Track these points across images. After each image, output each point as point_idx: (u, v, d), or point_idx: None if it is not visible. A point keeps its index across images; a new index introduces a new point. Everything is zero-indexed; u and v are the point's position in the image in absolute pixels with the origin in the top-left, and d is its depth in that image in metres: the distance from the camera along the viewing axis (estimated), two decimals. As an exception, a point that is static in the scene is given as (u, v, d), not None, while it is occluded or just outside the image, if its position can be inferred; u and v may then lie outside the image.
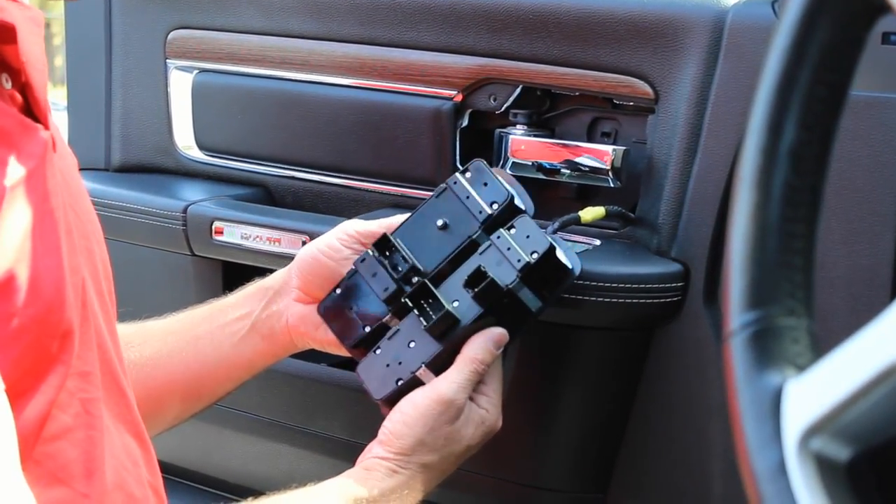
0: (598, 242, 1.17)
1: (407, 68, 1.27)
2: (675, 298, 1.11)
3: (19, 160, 0.75)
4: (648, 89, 1.14)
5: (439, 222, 1.07)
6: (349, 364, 1.30)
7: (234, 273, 1.34)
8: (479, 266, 1.02)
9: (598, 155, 1.19)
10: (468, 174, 1.08)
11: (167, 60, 1.45)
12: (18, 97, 0.80)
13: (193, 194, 1.39)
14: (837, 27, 0.55)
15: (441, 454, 1.00)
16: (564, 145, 1.21)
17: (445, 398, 1.00)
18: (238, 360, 1.12)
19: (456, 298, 1.03)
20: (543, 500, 1.24)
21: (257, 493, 0.94)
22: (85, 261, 0.83)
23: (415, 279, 1.05)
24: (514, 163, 1.23)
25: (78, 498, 0.78)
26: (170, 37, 1.44)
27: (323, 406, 1.32)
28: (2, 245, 0.72)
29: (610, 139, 1.22)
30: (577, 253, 1.09)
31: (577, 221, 1.14)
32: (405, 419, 1.00)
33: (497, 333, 1.03)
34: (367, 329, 1.08)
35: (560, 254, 1.04)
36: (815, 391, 0.50)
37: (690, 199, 1.11)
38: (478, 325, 1.02)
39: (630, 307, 1.10)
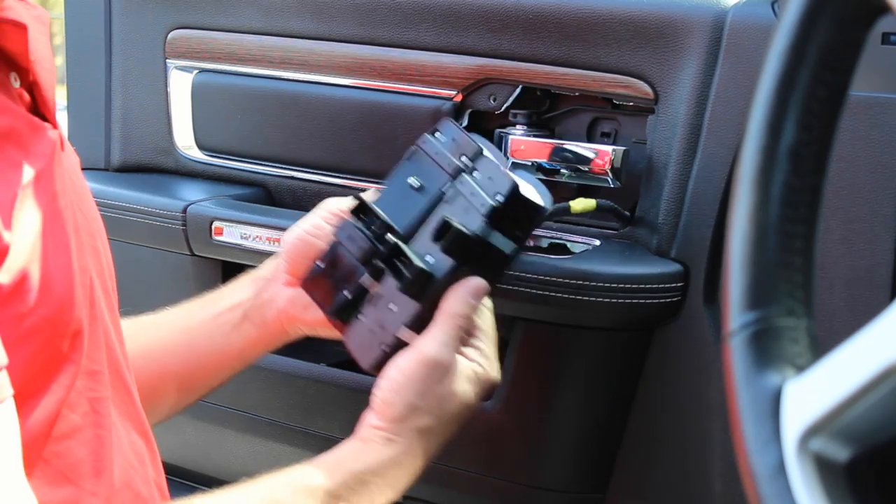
0: (597, 243, 1.18)
1: (406, 68, 1.27)
2: (675, 299, 1.11)
3: (29, 161, 0.76)
4: (648, 89, 1.14)
5: (414, 184, 1.05)
6: (348, 364, 1.30)
7: (234, 273, 1.34)
8: (444, 217, 0.98)
9: (598, 155, 1.18)
10: (437, 133, 1.06)
11: (167, 60, 1.45)
12: (26, 96, 0.80)
13: (193, 194, 1.39)
14: (837, 27, 0.55)
15: (437, 416, 0.97)
16: (564, 145, 1.20)
17: (430, 358, 0.96)
18: (230, 349, 1.11)
19: (428, 253, 1.00)
20: (543, 500, 1.24)
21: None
22: (92, 260, 0.83)
23: (389, 236, 1.03)
24: (513, 163, 1.23)
25: (86, 496, 0.79)
26: (170, 37, 1.44)
27: (322, 406, 1.32)
28: (15, 246, 0.72)
29: (610, 139, 1.22)
30: (576, 252, 1.09)
31: (567, 211, 1.14)
32: (392, 385, 0.97)
33: (474, 284, 0.99)
34: (347, 294, 1.05)
35: (527, 191, 1.00)
36: (815, 391, 0.50)
37: (690, 199, 1.11)
38: (454, 277, 0.99)
39: (630, 307, 1.10)
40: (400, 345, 1.00)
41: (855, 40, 0.55)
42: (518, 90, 1.22)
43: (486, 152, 1.04)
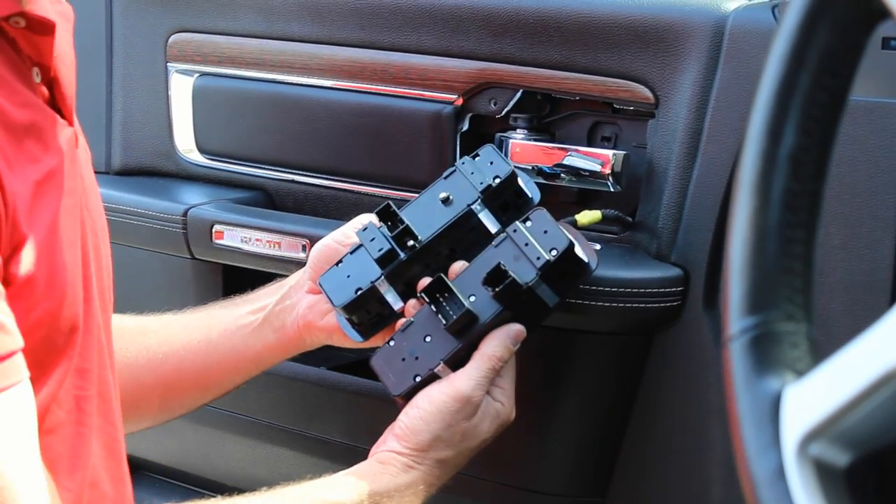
0: (597, 247, 1.17)
1: (407, 72, 1.27)
2: (675, 303, 1.11)
3: (47, 155, 0.77)
4: (649, 94, 1.14)
5: (442, 195, 1.09)
6: (347, 368, 1.30)
7: (234, 276, 1.34)
8: (499, 263, 1.01)
9: (599, 159, 1.18)
10: (477, 157, 1.10)
11: (168, 64, 1.45)
12: (45, 91, 0.80)
13: (194, 198, 1.39)
14: (837, 32, 0.55)
15: (457, 449, 1.00)
16: (564, 149, 1.20)
17: (463, 395, 0.99)
18: (247, 352, 1.12)
19: (472, 293, 1.03)
20: (542, 504, 1.24)
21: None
22: (93, 258, 0.84)
23: (410, 242, 1.07)
24: (517, 166, 1.23)
25: (61, 492, 0.79)
26: (170, 40, 1.44)
27: (321, 409, 1.32)
28: (30, 238, 0.73)
29: (610, 143, 1.22)
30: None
31: (574, 225, 1.14)
32: (422, 415, 0.99)
33: (515, 330, 1.02)
34: (358, 292, 1.07)
35: (578, 250, 1.04)
36: (814, 396, 0.50)
37: (690, 204, 1.11)
38: (496, 321, 1.02)
39: (630, 312, 1.10)
40: (433, 378, 1.02)
41: (855, 45, 0.55)
42: (519, 94, 1.22)
43: (521, 180, 1.09)
